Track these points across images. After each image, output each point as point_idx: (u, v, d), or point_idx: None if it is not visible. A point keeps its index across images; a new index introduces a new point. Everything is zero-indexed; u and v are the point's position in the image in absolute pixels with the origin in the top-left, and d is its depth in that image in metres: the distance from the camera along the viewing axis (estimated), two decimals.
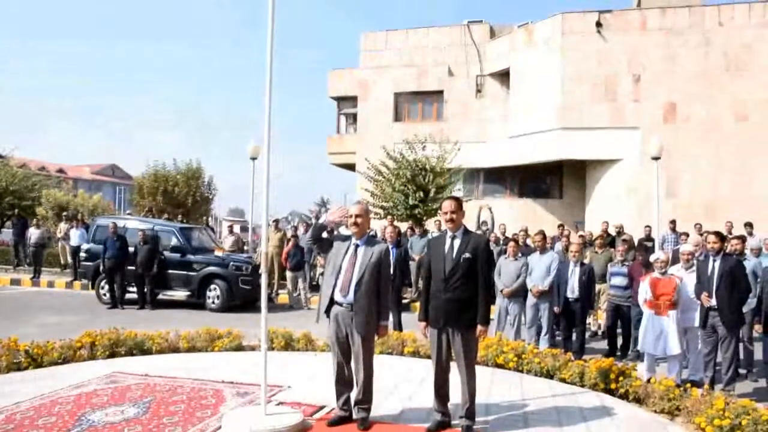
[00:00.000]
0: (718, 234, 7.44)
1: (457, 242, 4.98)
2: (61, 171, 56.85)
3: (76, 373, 6.50)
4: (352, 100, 25.51)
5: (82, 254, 14.79)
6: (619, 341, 9.42)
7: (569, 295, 8.80)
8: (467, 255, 4.88)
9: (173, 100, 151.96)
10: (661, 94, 19.56)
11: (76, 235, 16.73)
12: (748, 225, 13.72)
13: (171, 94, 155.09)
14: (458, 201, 5.13)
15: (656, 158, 11.82)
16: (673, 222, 14.67)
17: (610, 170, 20.22)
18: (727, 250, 7.83)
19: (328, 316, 5.10)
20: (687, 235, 13.19)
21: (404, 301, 12.06)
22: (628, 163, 19.66)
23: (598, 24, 20.02)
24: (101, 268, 13.43)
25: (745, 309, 7.53)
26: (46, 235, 18.80)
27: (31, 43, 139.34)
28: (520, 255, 9.32)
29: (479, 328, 4.89)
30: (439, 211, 14.59)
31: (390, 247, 9.46)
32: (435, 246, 5.17)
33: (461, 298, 4.86)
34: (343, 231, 15.75)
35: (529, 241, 12.28)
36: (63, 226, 18.34)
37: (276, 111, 5.46)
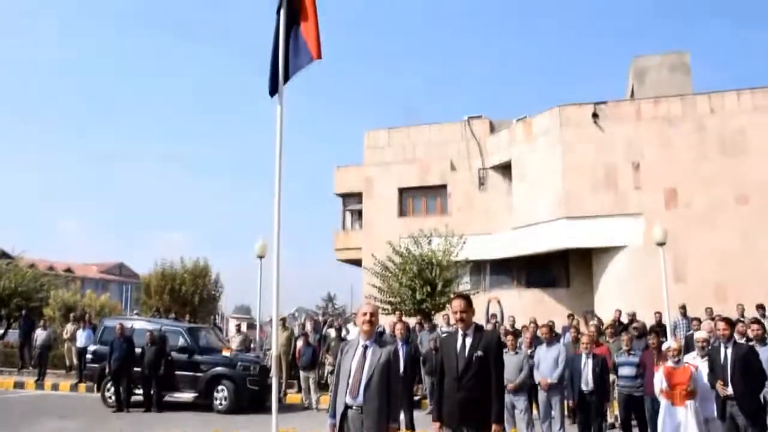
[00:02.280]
0: (726, 320, 7.41)
1: (468, 340, 4.98)
2: (68, 270, 57.23)
3: None
4: (357, 196, 25.95)
5: (88, 356, 14.69)
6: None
7: (583, 387, 8.64)
8: (479, 353, 4.88)
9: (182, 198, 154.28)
10: (661, 181, 19.79)
11: (82, 336, 16.64)
12: (761, 307, 13.65)
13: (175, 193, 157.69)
14: (468, 299, 5.17)
15: (661, 244, 11.93)
16: (684, 307, 14.58)
17: (616, 257, 20.21)
18: (749, 336, 7.71)
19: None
20: (699, 320, 12.99)
21: (415, 398, 11.85)
22: (634, 249, 19.67)
23: (595, 115, 20.53)
24: (107, 369, 13.29)
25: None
26: (53, 336, 18.71)
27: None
28: (519, 348, 9.29)
29: (494, 427, 4.82)
30: (447, 305, 14.54)
31: (400, 344, 9.44)
32: (447, 344, 5.18)
33: (475, 397, 4.82)
34: (351, 329, 15.67)
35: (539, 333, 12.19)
36: (70, 327, 18.27)
37: (283, 208, 5.62)
